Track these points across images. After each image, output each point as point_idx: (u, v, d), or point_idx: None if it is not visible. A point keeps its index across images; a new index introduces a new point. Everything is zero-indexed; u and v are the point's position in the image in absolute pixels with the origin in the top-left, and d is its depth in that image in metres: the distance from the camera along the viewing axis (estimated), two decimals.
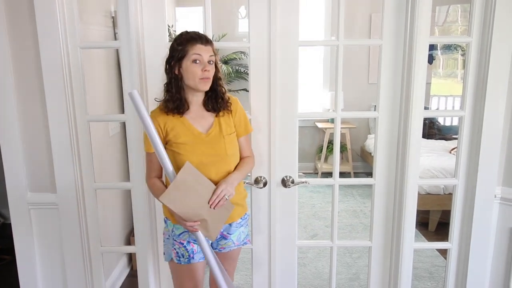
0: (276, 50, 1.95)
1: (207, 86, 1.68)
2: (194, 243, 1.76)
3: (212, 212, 1.66)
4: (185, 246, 1.75)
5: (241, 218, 1.87)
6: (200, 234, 1.67)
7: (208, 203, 1.64)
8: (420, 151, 2.06)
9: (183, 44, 1.64)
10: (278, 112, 2.02)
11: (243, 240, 1.91)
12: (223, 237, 1.84)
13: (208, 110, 1.76)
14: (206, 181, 1.67)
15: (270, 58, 1.95)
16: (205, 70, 1.64)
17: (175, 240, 1.77)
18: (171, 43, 1.71)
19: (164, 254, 1.87)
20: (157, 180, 1.77)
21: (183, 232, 1.75)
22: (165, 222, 1.84)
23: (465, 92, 2.01)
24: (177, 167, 1.66)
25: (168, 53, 1.70)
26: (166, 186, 1.74)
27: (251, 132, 1.89)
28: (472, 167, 2.06)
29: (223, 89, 1.75)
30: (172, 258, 1.78)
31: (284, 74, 1.99)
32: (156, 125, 1.65)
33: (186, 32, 1.68)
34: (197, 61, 1.63)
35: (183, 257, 1.76)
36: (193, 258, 1.76)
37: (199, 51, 1.63)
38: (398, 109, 2.04)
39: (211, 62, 1.67)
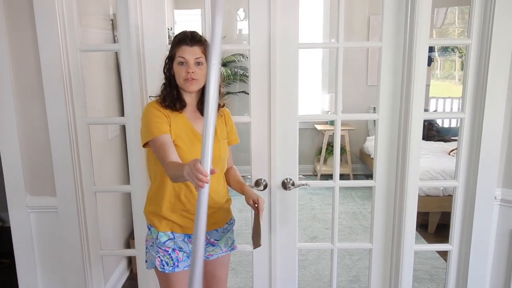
0: (276, 53, 1.95)
1: (193, 88, 1.67)
2: (179, 251, 1.73)
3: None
4: (169, 254, 1.72)
5: (227, 224, 1.86)
6: (201, 195, 1.29)
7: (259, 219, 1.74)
8: (420, 153, 2.06)
9: (173, 45, 1.67)
10: (278, 114, 2.02)
11: (230, 246, 1.89)
12: (211, 244, 1.82)
13: (202, 114, 1.73)
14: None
15: (270, 60, 1.96)
16: (187, 72, 1.63)
17: (159, 248, 1.72)
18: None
19: (146, 261, 1.83)
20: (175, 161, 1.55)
21: (168, 240, 1.72)
22: (149, 229, 1.78)
23: (465, 94, 2.01)
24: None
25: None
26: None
27: (237, 143, 1.90)
28: (472, 169, 2.06)
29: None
30: (155, 266, 1.74)
31: (284, 76, 1.99)
32: (162, 115, 1.65)
33: (180, 32, 1.69)
34: (183, 63, 1.64)
35: (168, 265, 1.71)
36: (177, 266, 1.72)
37: (183, 53, 1.63)
38: (398, 111, 2.04)
39: (200, 63, 1.65)
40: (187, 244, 1.75)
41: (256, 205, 1.76)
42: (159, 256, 1.72)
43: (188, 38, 1.64)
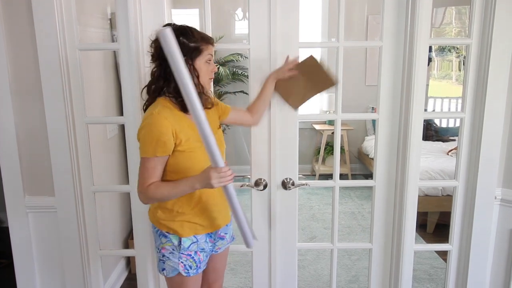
0: (277, 52, 1.94)
1: (210, 85, 1.74)
2: (201, 252, 1.73)
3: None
4: (192, 257, 1.71)
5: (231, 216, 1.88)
6: (231, 188, 1.60)
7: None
8: (420, 152, 2.06)
9: (197, 42, 1.60)
10: (278, 113, 2.01)
11: (231, 236, 1.93)
12: (221, 238, 1.83)
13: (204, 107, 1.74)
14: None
15: (270, 59, 1.95)
16: (212, 71, 1.67)
17: (182, 253, 1.69)
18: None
19: (163, 270, 1.72)
20: (156, 182, 1.60)
21: (191, 244, 1.70)
22: (165, 236, 1.70)
23: (465, 94, 2.01)
24: (191, 167, 1.61)
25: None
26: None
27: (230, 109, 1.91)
28: (472, 169, 2.06)
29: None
30: (179, 272, 1.69)
31: None
32: (169, 131, 1.55)
33: (192, 29, 1.62)
34: (209, 61, 1.64)
35: (191, 268, 1.70)
36: (199, 267, 1.73)
37: (212, 52, 1.65)
38: (398, 110, 2.04)
39: None
40: (208, 243, 1.76)
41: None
42: (182, 262, 1.69)
43: (211, 38, 1.66)
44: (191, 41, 1.58)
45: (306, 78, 1.90)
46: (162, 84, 1.61)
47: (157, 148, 1.55)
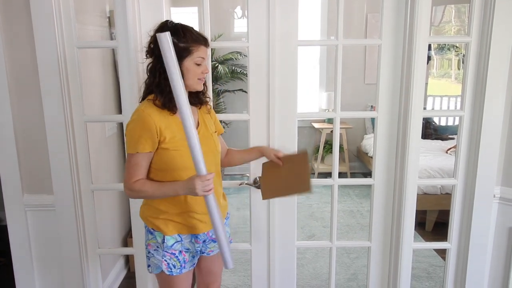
0: (275, 50, 1.94)
1: (202, 86, 1.68)
2: (186, 252, 1.73)
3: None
4: (176, 256, 1.70)
5: (226, 218, 1.86)
6: (212, 199, 1.58)
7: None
8: (419, 151, 2.06)
9: (187, 42, 1.58)
10: (277, 112, 2.01)
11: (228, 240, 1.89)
12: (213, 240, 1.80)
13: (192, 104, 1.69)
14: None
15: (269, 57, 1.95)
16: (203, 72, 1.63)
17: (166, 252, 1.69)
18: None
19: (149, 266, 1.76)
20: (142, 179, 1.63)
21: (175, 243, 1.70)
22: (151, 233, 1.72)
23: (464, 92, 2.01)
24: (176, 165, 1.61)
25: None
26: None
27: (222, 132, 1.90)
28: (471, 167, 2.06)
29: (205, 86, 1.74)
30: (162, 270, 1.70)
31: (283, 73, 1.98)
32: (153, 129, 1.56)
33: (186, 28, 1.60)
34: (200, 63, 1.61)
35: (175, 267, 1.70)
36: (184, 267, 1.72)
37: (204, 55, 1.61)
38: (397, 109, 2.04)
39: None
40: (194, 244, 1.74)
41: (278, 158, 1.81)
42: (165, 260, 1.69)
43: (207, 40, 1.63)
44: (180, 41, 1.57)
45: (287, 173, 1.81)
46: (152, 80, 1.62)
47: (138, 144, 1.57)
